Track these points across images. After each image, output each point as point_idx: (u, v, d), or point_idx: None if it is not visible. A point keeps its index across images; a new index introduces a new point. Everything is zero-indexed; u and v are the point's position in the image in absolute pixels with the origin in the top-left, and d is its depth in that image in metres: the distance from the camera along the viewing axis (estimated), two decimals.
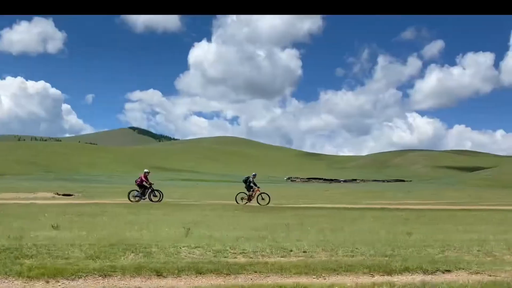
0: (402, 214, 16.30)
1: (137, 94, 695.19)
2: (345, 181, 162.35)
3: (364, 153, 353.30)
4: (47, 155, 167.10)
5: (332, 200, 30.52)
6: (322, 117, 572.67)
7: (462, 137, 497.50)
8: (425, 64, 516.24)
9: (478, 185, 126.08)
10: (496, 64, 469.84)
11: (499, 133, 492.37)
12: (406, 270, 5.79)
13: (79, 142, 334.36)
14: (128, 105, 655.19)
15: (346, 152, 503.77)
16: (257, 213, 16.23)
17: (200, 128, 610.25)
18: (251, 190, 23.02)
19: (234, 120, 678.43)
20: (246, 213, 16.31)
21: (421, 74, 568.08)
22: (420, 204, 26.98)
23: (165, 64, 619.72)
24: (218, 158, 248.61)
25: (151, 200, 22.89)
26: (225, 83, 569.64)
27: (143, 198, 22.85)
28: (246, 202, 22.77)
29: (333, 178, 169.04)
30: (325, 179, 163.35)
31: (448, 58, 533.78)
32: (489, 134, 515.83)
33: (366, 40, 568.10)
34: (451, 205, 25.98)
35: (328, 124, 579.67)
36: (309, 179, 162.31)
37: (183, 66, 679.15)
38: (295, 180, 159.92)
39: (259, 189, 23.08)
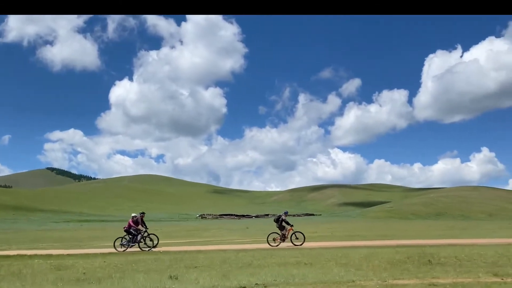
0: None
1: (57, 134, 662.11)
2: (256, 216, 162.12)
3: (291, 188, 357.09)
4: None
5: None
6: (248, 153, 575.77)
7: (382, 171, 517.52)
8: (344, 102, 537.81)
9: (377, 217, 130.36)
10: (410, 101, 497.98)
11: (417, 166, 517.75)
12: None
13: None
14: (47, 146, 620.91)
15: (273, 187, 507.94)
16: None
17: (124, 167, 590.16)
18: (284, 229, 21.69)
19: (159, 158, 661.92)
20: None
21: (340, 112, 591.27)
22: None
23: (85, 103, 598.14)
24: (134, 197, 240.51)
25: (142, 247, 20.61)
26: (148, 121, 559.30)
27: (131, 245, 20.77)
28: (279, 243, 21.31)
29: (245, 214, 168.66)
30: (236, 215, 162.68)
31: (365, 96, 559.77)
32: (407, 168, 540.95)
33: (287, 79, 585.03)
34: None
35: (254, 161, 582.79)
36: (221, 215, 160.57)
37: (105, 105, 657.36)
38: (206, 217, 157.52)
39: (292, 228, 21.73)
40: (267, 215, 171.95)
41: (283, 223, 21.82)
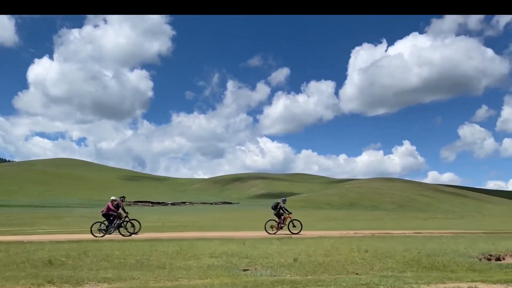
0: None
1: None
2: (173, 203, 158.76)
3: (217, 176, 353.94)
4: None
5: None
6: (175, 139, 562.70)
7: (309, 161, 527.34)
8: (273, 91, 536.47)
9: (292, 206, 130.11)
10: (336, 92, 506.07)
11: (342, 157, 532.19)
12: None
13: None
14: None
15: (201, 175, 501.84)
16: None
17: (43, 150, 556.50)
18: (282, 217, 21.39)
19: (81, 141, 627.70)
20: None
21: (269, 100, 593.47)
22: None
23: (0, 82, 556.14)
24: (47, 181, 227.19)
25: (123, 232, 19.63)
26: (69, 102, 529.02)
27: (110, 231, 19.91)
28: (277, 231, 21.12)
29: (161, 201, 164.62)
30: (151, 202, 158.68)
31: (293, 86, 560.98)
32: (333, 159, 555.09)
33: (216, 64, 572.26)
34: None
35: (181, 147, 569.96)
36: (135, 202, 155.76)
37: (22, 84, 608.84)
38: None
39: (290, 216, 21.46)
40: (184, 202, 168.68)
41: (281, 211, 21.48)
